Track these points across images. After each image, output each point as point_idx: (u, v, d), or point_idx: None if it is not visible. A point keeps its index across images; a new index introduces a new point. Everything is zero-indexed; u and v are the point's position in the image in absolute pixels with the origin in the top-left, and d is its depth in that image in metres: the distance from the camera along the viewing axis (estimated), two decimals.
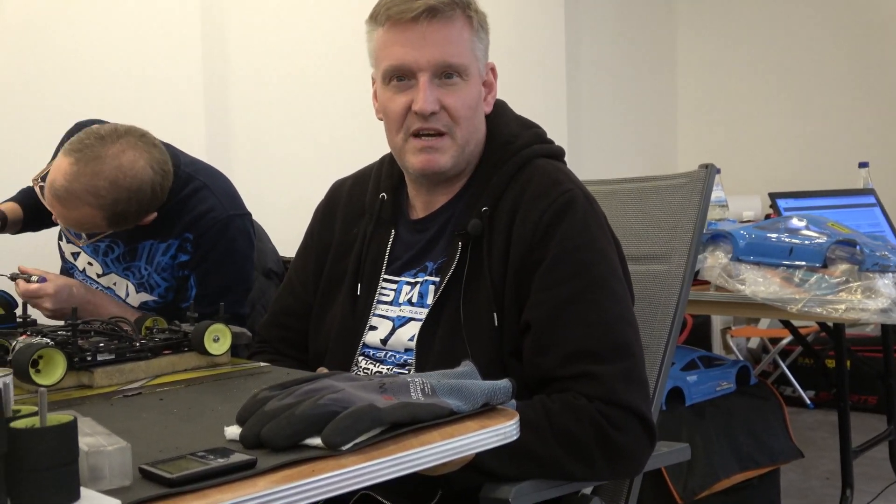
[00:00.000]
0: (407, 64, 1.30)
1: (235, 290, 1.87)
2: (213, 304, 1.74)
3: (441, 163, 1.33)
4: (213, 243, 1.83)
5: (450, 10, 1.30)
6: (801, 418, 4.07)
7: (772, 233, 2.33)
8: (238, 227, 1.87)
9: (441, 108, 1.31)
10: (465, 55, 1.32)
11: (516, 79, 3.97)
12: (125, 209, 1.71)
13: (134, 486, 0.74)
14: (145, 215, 1.77)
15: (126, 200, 1.70)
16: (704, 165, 1.61)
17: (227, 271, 1.86)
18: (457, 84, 1.32)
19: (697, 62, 5.22)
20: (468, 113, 1.33)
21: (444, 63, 1.30)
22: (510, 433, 0.91)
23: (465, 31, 1.32)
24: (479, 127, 1.37)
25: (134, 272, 1.90)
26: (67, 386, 1.16)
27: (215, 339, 1.27)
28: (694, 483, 2.41)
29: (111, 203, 1.68)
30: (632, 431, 1.21)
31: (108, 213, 1.70)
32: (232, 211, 1.87)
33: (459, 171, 1.37)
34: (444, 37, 1.30)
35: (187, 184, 1.86)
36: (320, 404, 0.84)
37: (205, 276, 1.85)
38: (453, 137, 1.33)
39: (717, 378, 2.66)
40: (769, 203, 3.70)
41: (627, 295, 1.32)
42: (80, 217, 1.71)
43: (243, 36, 3.21)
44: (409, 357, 1.33)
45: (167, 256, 1.86)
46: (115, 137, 1.71)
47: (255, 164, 3.22)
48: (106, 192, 1.67)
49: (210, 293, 1.83)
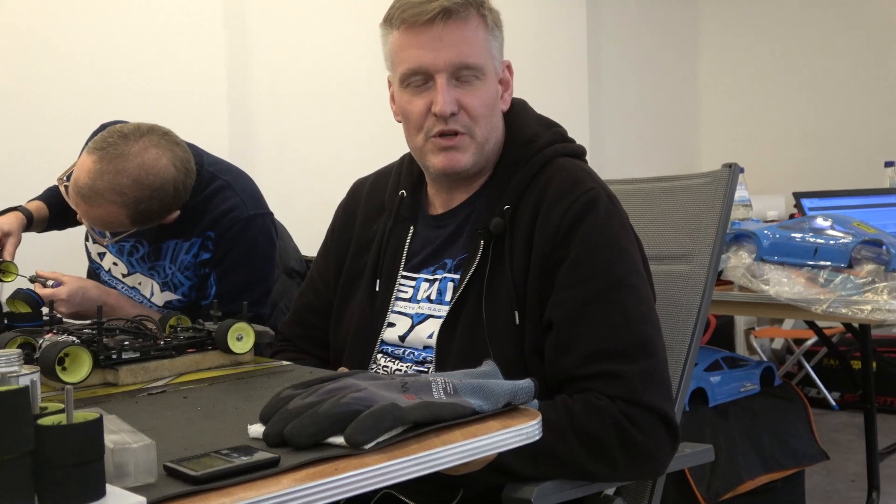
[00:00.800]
0: (424, 66, 1.30)
1: (254, 289, 1.88)
2: (232, 303, 1.76)
3: (462, 162, 1.33)
4: (233, 242, 1.84)
5: (464, 10, 1.30)
6: (826, 420, 4.03)
7: (796, 232, 2.31)
8: (259, 227, 1.88)
9: (460, 108, 1.31)
10: (482, 54, 1.32)
11: (538, 78, 3.96)
12: (148, 207, 1.72)
13: (158, 483, 0.74)
14: (168, 213, 1.78)
15: (149, 198, 1.71)
16: (728, 165, 1.60)
17: (246, 270, 1.86)
18: (474, 84, 1.32)
19: (721, 60, 5.18)
20: (486, 112, 1.33)
21: (461, 63, 1.30)
22: (532, 433, 0.91)
23: (480, 31, 1.32)
24: (498, 125, 1.37)
25: (158, 271, 1.91)
26: (93, 384, 1.17)
27: (238, 338, 1.28)
28: (717, 485, 2.39)
29: (134, 201, 1.69)
30: (654, 431, 1.20)
31: (132, 212, 1.71)
32: (254, 210, 1.88)
33: (479, 169, 1.37)
34: (459, 37, 1.30)
35: (210, 183, 1.88)
36: (343, 403, 0.84)
37: (224, 274, 1.86)
38: (473, 136, 1.33)
39: (740, 379, 2.64)
40: (793, 202, 3.67)
41: (650, 294, 1.32)
42: (104, 215, 1.72)
43: (266, 38, 3.23)
44: (427, 354, 1.34)
45: (190, 255, 1.87)
46: (139, 136, 1.72)
47: (277, 164, 3.23)
48: (129, 189, 1.68)
49: (229, 291, 1.84)
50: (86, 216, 1.75)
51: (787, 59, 4.92)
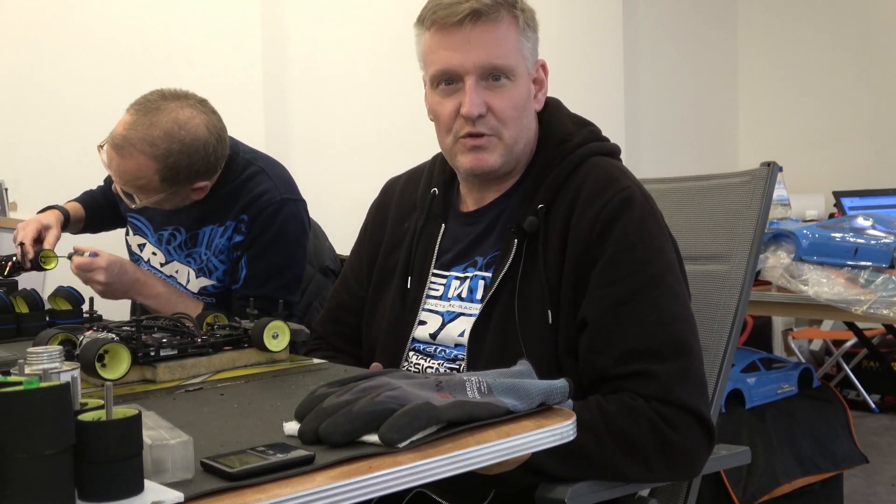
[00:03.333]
0: (453, 68, 1.31)
1: (284, 275, 1.91)
2: (262, 287, 1.83)
3: (490, 162, 1.33)
4: (265, 225, 1.88)
5: (494, 11, 1.29)
6: (866, 423, 3.97)
7: (836, 232, 2.28)
8: (291, 212, 1.91)
9: (488, 110, 1.31)
10: (512, 56, 1.31)
11: (573, 76, 3.94)
12: (177, 162, 1.75)
13: (196, 479, 0.75)
14: (197, 178, 1.81)
15: (178, 152, 1.75)
16: (766, 163, 1.58)
17: (276, 254, 1.90)
18: (504, 85, 1.31)
19: (759, 57, 5.11)
20: (515, 114, 1.32)
21: (490, 65, 1.30)
22: (567, 433, 0.90)
23: (511, 31, 1.31)
24: (529, 125, 1.37)
25: (195, 258, 1.95)
26: (132, 380, 1.19)
27: (274, 336, 1.29)
28: (754, 487, 2.36)
29: (164, 153, 1.74)
30: (689, 432, 1.19)
31: (161, 165, 1.74)
32: (286, 195, 1.92)
33: (510, 169, 1.37)
34: (489, 39, 1.29)
35: (245, 169, 1.92)
36: (378, 401, 0.84)
37: (255, 257, 1.89)
38: (501, 138, 1.33)
39: (778, 380, 2.61)
40: (833, 202, 3.62)
41: (685, 293, 1.31)
42: (134, 168, 1.75)
43: (302, 39, 3.25)
44: (459, 352, 1.34)
45: (224, 238, 1.91)
46: (176, 97, 1.80)
47: (312, 164, 3.25)
48: (160, 140, 1.73)
49: (258, 274, 1.88)
50: (117, 172, 1.78)
51: (826, 56, 4.84)
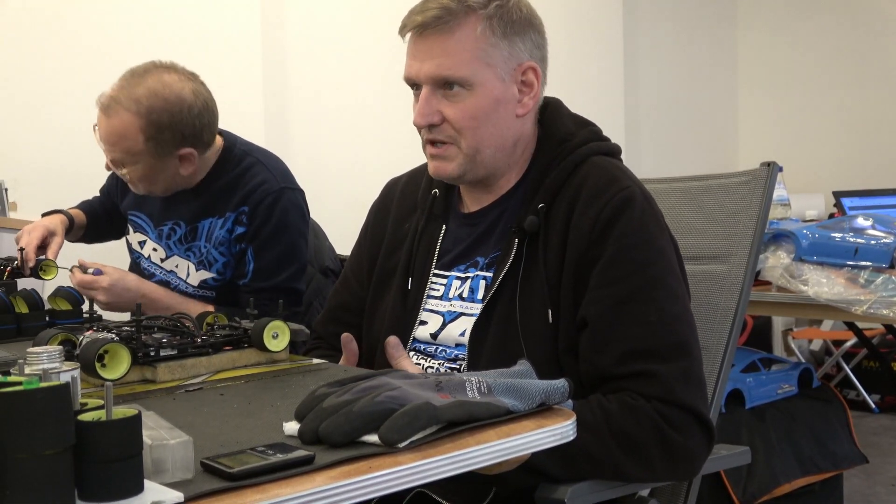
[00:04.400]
0: (411, 76, 1.33)
1: (290, 264, 1.94)
2: (270, 279, 1.87)
3: (448, 170, 1.34)
4: (266, 216, 1.91)
5: (454, 18, 1.28)
6: (866, 423, 3.97)
7: (836, 232, 2.28)
8: (290, 200, 1.94)
9: (443, 119, 1.31)
10: (465, 66, 1.28)
11: (573, 76, 3.94)
12: (160, 120, 1.80)
13: (195, 479, 0.75)
14: (183, 143, 1.84)
15: (161, 110, 1.80)
16: (766, 163, 1.58)
17: (281, 245, 1.92)
18: (458, 95, 1.30)
19: (759, 56, 5.11)
20: (472, 123, 1.31)
21: (438, 76, 1.29)
22: (567, 433, 0.90)
23: (467, 40, 1.28)
24: (497, 132, 1.33)
25: (194, 252, 1.97)
26: (131, 380, 1.19)
27: (274, 336, 1.29)
28: (754, 487, 2.36)
29: (146, 109, 1.79)
30: (690, 432, 1.19)
31: (144, 122, 1.79)
32: (284, 184, 1.95)
33: (478, 176, 1.36)
34: (439, 50, 1.29)
35: (242, 160, 1.96)
36: (378, 401, 0.84)
37: (260, 248, 1.91)
38: (459, 146, 1.32)
39: (778, 380, 2.61)
40: (833, 202, 3.62)
41: (686, 294, 1.31)
42: (119, 125, 1.80)
43: (302, 39, 3.25)
44: (460, 352, 1.34)
45: (224, 230, 1.93)
46: (166, 66, 1.88)
47: (312, 164, 3.25)
48: (144, 98, 1.79)
49: (266, 266, 1.91)
50: (104, 135, 1.83)
51: (827, 55, 4.84)
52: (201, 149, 1.89)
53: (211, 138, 1.92)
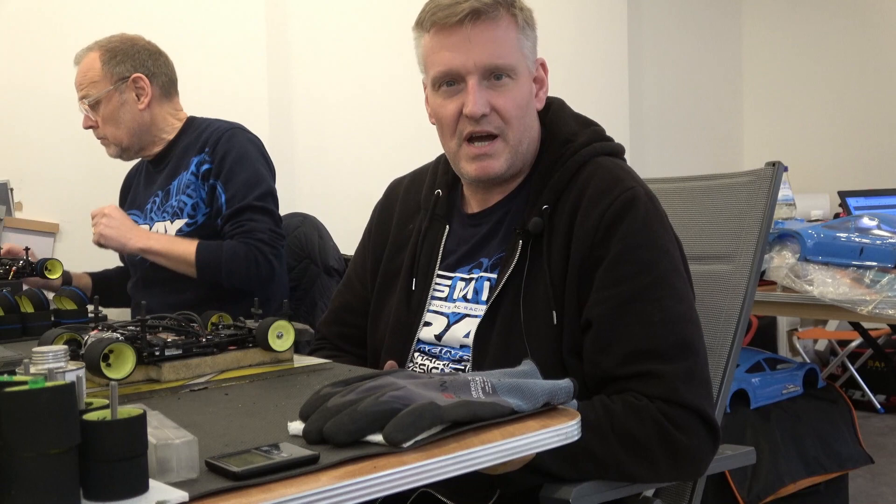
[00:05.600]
0: (455, 68, 1.30)
1: (260, 185, 2.07)
2: (242, 200, 2.04)
3: (496, 168, 1.33)
4: (227, 148, 2.08)
5: (493, 10, 1.29)
6: (871, 423, 3.96)
7: (841, 232, 2.28)
8: (247, 136, 2.14)
9: (492, 109, 1.31)
10: (513, 55, 1.31)
11: (577, 76, 3.94)
12: (114, 48, 2.12)
13: (200, 478, 0.75)
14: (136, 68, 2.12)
15: (117, 42, 2.13)
16: (771, 163, 1.57)
17: (245, 171, 2.07)
18: (506, 84, 1.31)
19: (764, 56, 5.10)
20: (519, 112, 1.32)
21: (492, 65, 1.30)
22: (571, 433, 0.90)
23: (510, 30, 1.31)
24: (532, 125, 1.36)
25: (168, 210, 2.11)
26: (136, 380, 1.19)
27: (279, 336, 1.29)
28: (759, 488, 2.36)
29: (106, 43, 2.13)
30: (694, 432, 1.19)
31: (102, 52, 2.11)
32: (235, 126, 2.16)
33: (515, 171, 1.37)
34: (489, 38, 1.29)
35: (201, 124, 2.18)
36: (382, 401, 0.84)
37: (227, 179, 2.06)
38: (505, 139, 1.32)
39: (783, 381, 2.60)
40: (838, 201, 3.61)
41: (690, 294, 1.30)
42: (85, 65, 2.12)
43: (306, 40, 3.25)
44: (464, 353, 1.34)
45: (189, 174, 2.09)
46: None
47: (316, 164, 3.26)
48: (105, 40, 2.14)
49: (236, 193, 2.05)
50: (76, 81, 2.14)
51: (832, 55, 4.83)
52: (156, 85, 2.14)
53: (165, 79, 2.17)
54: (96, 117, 2.13)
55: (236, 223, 2.03)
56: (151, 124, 2.14)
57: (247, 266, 1.99)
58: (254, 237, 2.01)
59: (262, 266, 2.01)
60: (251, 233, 2.02)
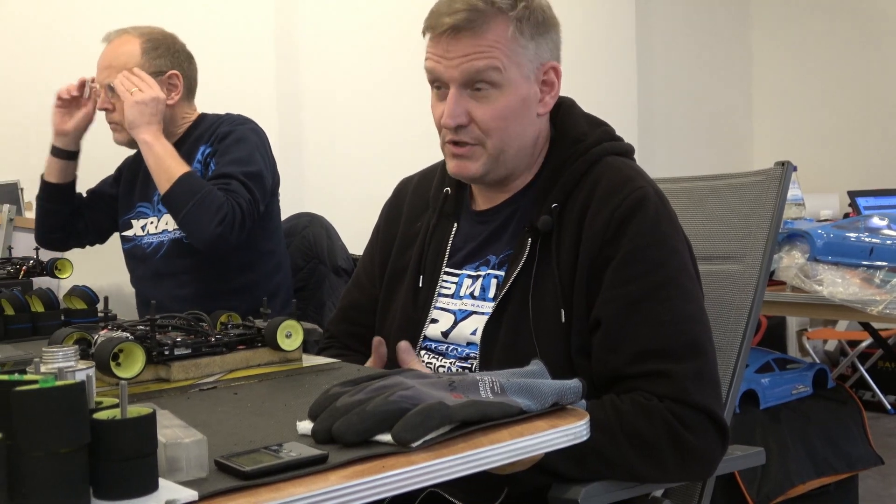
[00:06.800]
0: (438, 74, 1.31)
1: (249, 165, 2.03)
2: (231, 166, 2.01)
3: (472, 170, 1.33)
4: (228, 131, 2.10)
5: (481, 19, 1.27)
6: (881, 424, 3.94)
7: (851, 232, 2.27)
8: (252, 128, 2.13)
9: (470, 120, 1.30)
10: (496, 64, 1.28)
11: (586, 76, 3.93)
12: (156, 39, 2.11)
13: (209, 477, 0.75)
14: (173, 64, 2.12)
15: (158, 35, 2.13)
16: (780, 163, 1.57)
17: (241, 150, 2.06)
18: (487, 95, 1.30)
19: (773, 55, 5.08)
20: (500, 123, 1.31)
21: (468, 77, 1.29)
22: (580, 433, 0.90)
23: (499, 40, 1.28)
24: (522, 131, 1.34)
25: None
26: (146, 379, 1.19)
27: (287, 335, 1.29)
28: (768, 488, 2.35)
29: (148, 32, 2.13)
30: (704, 432, 1.19)
31: (144, 39, 2.10)
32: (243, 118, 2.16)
33: (500, 175, 1.36)
34: (472, 48, 1.28)
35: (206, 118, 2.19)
36: (391, 401, 0.84)
37: (222, 155, 2.06)
38: (484, 147, 1.32)
39: (792, 381, 2.59)
40: (848, 201, 3.60)
41: (700, 293, 1.30)
42: (120, 45, 2.11)
43: (314, 40, 3.25)
44: (471, 351, 1.34)
45: (196, 163, 2.09)
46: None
47: (325, 164, 3.26)
48: (146, 29, 2.14)
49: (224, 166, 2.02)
50: (105, 57, 2.11)
51: (841, 54, 4.81)
52: (185, 85, 2.15)
53: (193, 82, 2.20)
54: (116, 101, 2.08)
55: (217, 183, 1.96)
56: (169, 120, 2.13)
57: (216, 214, 1.90)
58: (233, 198, 1.94)
59: (227, 226, 1.90)
60: (231, 193, 1.95)
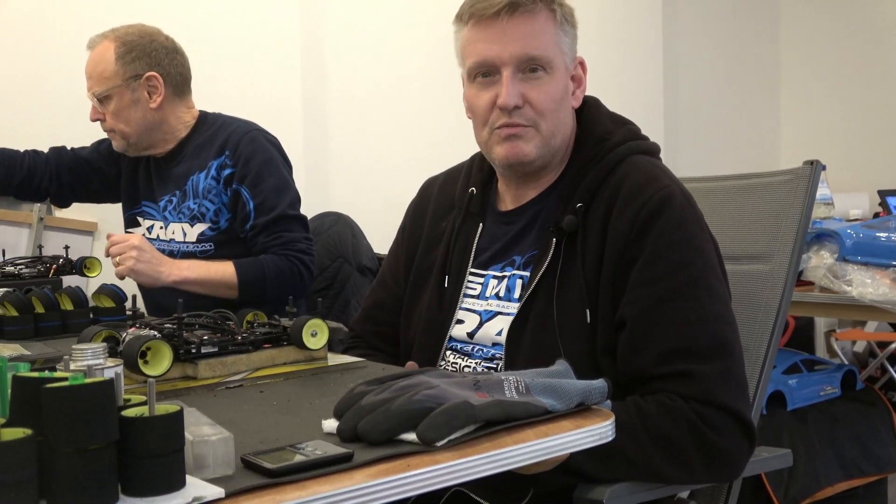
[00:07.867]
0: (490, 59, 1.31)
1: (287, 194, 2.03)
2: (272, 210, 1.97)
3: (525, 151, 1.33)
4: (251, 152, 2.03)
5: (531, 3, 1.30)
6: None
7: (881, 232, 2.24)
8: (266, 138, 2.08)
9: (525, 102, 1.31)
10: (549, 48, 1.31)
11: (612, 74, 3.91)
12: (130, 41, 2.03)
13: (236, 475, 0.76)
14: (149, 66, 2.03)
15: (134, 35, 2.04)
16: (809, 162, 1.55)
17: (272, 176, 2.03)
18: (541, 77, 1.31)
19: (802, 54, 5.03)
20: (553, 106, 1.32)
21: (527, 56, 1.30)
22: (605, 434, 0.90)
23: (548, 25, 1.32)
24: (566, 121, 1.36)
25: (185, 212, 2.07)
26: (173, 377, 1.20)
27: (313, 334, 1.30)
28: (795, 490, 2.33)
29: (122, 34, 2.04)
30: (730, 433, 1.18)
31: (117, 44, 2.02)
32: (253, 127, 2.09)
33: (545, 163, 1.36)
34: (526, 30, 1.30)
35: (214, 122, 2.12)
36: (416, 400, 0.84)
37: (254, 184, 2.01)
38: (538, 129, 1.32)
39: (820, 382, 2.56)
40: (878, 201, 3.55)
41: (726, 293, 1.29)
42: (97, 54, 2.04)
43: (340, 40, 3.27)
44: (497, 351, 1.33)
45: (209, 178, 2.03)
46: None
47: (350, 164, 3.27)
48: (122, 30, 2.06)
49: (264, 201, 2.00)
50: (87, 69, 2.05)
51: (870, 52, 4.74)
52: (169, 84, 2.06)
53: (180, 79, 2.09)
54: (105, 111, 2.07)
55: (273, 234, 1.99)
56: (162, 122, 2.08)
57: (292, 280, 1.97)
58: (293, 248, 1.99)
59: (305, 277, 1.99)
60: (290, 244, 1.99)
